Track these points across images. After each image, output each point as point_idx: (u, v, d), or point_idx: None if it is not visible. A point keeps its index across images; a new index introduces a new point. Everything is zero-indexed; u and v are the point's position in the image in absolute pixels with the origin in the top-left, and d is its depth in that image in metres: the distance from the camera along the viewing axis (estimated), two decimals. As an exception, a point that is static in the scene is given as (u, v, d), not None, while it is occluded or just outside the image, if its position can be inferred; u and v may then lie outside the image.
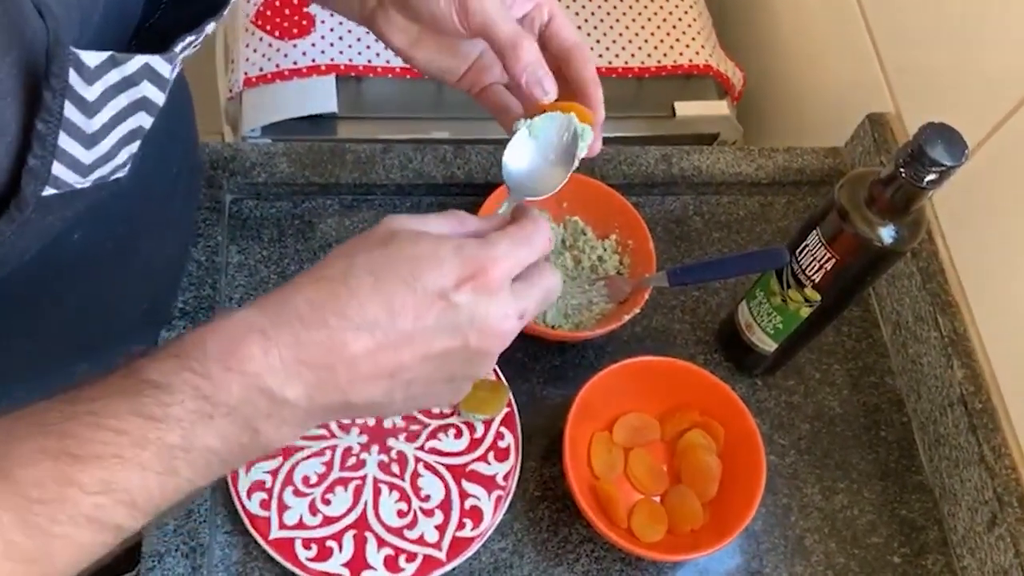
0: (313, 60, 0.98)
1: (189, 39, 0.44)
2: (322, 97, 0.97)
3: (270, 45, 1.00)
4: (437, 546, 0.68)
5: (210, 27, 0.45)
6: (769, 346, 0.76)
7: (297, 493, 0.69)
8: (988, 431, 0.74)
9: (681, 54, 1.07)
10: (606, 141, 0.98)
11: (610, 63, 1.06)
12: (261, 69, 0.99)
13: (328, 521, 0.68)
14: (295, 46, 0.99)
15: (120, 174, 0.45)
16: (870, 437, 0.81)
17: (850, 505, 0.77)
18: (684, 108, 1.05)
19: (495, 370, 0.76)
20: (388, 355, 0.41)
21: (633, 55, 1.06)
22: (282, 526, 0.67)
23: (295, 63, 0.98)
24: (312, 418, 0.42)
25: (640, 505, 0.73)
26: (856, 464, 0.79)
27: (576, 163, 0.52)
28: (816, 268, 0.68)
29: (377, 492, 0.70)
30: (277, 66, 0.98)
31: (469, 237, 0.45)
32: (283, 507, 0.68)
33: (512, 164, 0.52)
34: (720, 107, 1.06)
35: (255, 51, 1.00)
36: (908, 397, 0.83)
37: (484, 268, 0.42)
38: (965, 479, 0.75)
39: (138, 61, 0.41)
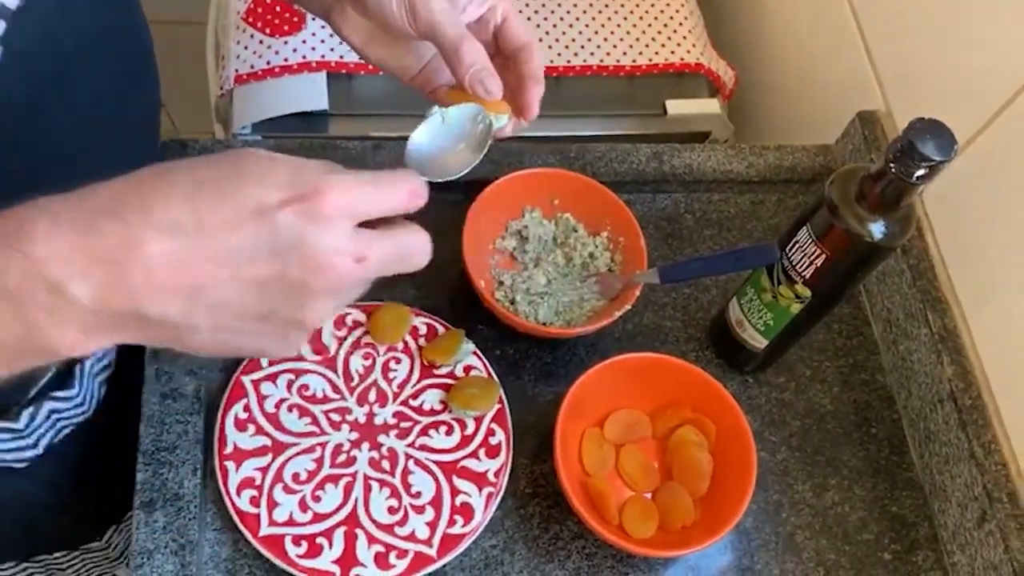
0: (304, 57, 0.98)
1: None
2: (313, 94, 0.97)
3: (261, 42, 0.99)
4: (428, 543, 0.68)
5: None
6: (760, 343, 0.76)
7: (287, 490, 0.68)
8: (978, 427, 0.74)
9: (673, 52, 1.07)
10: (597, 139, 0.99)
11: (601, 61, 1.06)
12: (252, 66, 0.99)
13: (318, 518, 0.68)
14: (286, 43, 0.99)
15: None
16: (860, 434, 0.81)
17: (841, 502, 0.77)
18: (675, 106, 1.05)
19: (486, 366, 0.76)
20: (189, 265, 0.37)
21: (625, 53, 1.07)
22: (272, 523, 0.67)
23: (286, 60, 0.98)
24: (100, 324, 0.37)
25: (631, 501, 0.73)
26: (847, 461, 0.79)
27: (484, 151, 0.53)
28: (807, 264, 0.68)
29: (368, 489, 0.70)
30: (268, 63, 0.98)
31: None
32: (273, 504, 0.68)
33: (417, 142, 0.51)
34: (711, 105, 1.06)
35: (246, 48, 1.00)
36: (898, 394, 0.83)
37: (318, 190, 0.38)
38: (955, 475, 0.75)
39: None
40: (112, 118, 0.60)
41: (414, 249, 0.43)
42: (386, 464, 0.71)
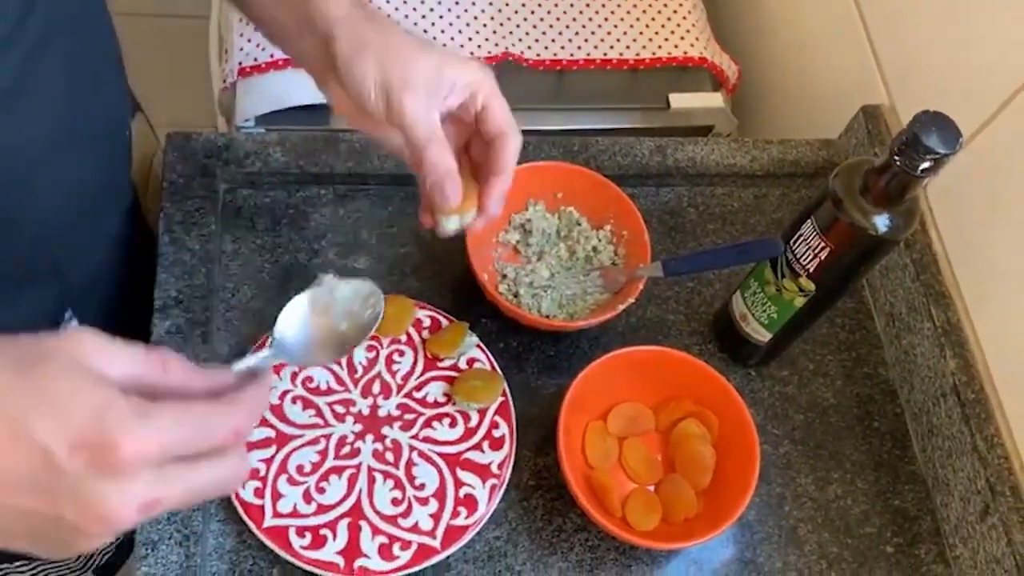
0: (307, 50, 0.98)
1: None
2: (316, 87, 0.96)
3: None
4: (431, 534, 0.68)
5: None
6: (763, 336, 0.77)
7: (291, 481, 0.69)
8: (981, 421, 0.74)
9: (676, 46, 1.07)
10: (601, 132, 0.99)
11: (605, 54, 1.06)
12: (255, 59, 0.98)
13: (322, 509, 0.68)
14: (289, 36, 0.99)
15: None
16: (863, 428, 0.81)
17: (843, 495, 0.78)
18: (679, 100, 1.05)
19: (489, 358, 0.76)
20: None
21: (628, 47, 1.07)
22: (276, 514, 0.67)
23: (289, 53, 0.98)
24: None
25: (634, 494, 0.73)
26: (849, 454, 0.80)
27: (368, 336, 0.52)
28: (811, 257, 0.68)
29: (372, 480, 0.70)
30: (271, 56, 0.98)
31: (152, 392, 0.37)
32: (277, 495, 0.68)
33: (288, 326, 0.50)
34: (715, 99, 1.06)
35: (249, 41, 1.00)
36: (901, 388, 0.83)
37: (116, 443, 0.34)
38: (958, 469, 0.75)
39: None
40: (75, 115, 0.59)
41: (225, 481, 0.39)
42: (390, 456, 0.71)
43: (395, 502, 0.69)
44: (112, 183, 0.72)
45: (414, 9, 1.03)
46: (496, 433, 0.73)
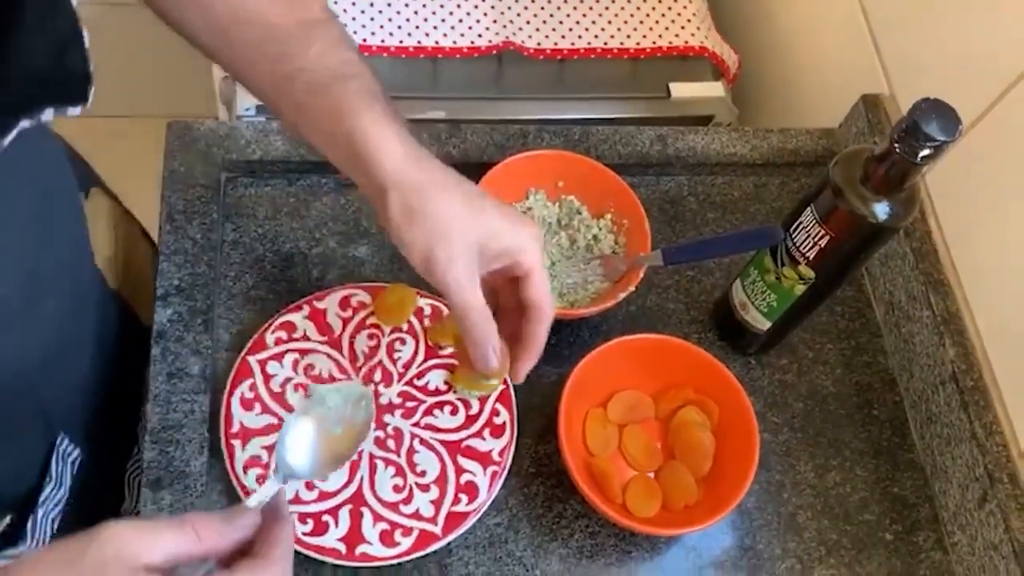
0: (308, 39, 0.98)
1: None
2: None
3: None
4: (433, 521, 0.68)
5: (7, 140, 0.42)
6: (763, 324, 0.77)
7: (293, 468, 0.69)
8: (979, 408, 0.75)
9: (676, 35, 1.07)
10: (601, 122, 0.99)
11: (605, 44, 1.06)
12: (256, 48, 0.98)
13: (324, 496, 0.68)
14: (290, 25, 0.99)
15: None
16: (863, 415, 0.81)
17: (842, 482, 0.78)
18: (679, 89, 1.05)
19: (490, 347, 0.76)
20: None
21: (629, 36, 1.06)
22: (278, 501, 0.67)
23: (290, 42, 0.98)
24: None
25: (634, 481, 0.73)
26: (849, 442, 0.80)
27: (365, 438, 0.56)
28: (810, 245, 0.68)
29: (373, 468, 0.70)
30: (272, 45, 0.98)
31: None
32: (279, 482, 0.68)
33: (291, 448, 0.53)
34: (715, 88, 1.06)
35: (250, 30, 0.99)
36: (900, 376, 0.83)
37: None
38: (956, 456, 0.76)
39: None
40: (41, 270, 0.58)
41: None
42: (391, 443, 0.71)
43: (396, 489, 0.69)
44: (82, 306, 0.70)
45: (415, -2, 1.03)
46: (497, 420, 0.73)
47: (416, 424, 0.72)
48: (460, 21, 1.03)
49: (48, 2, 0.43)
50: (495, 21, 1.04)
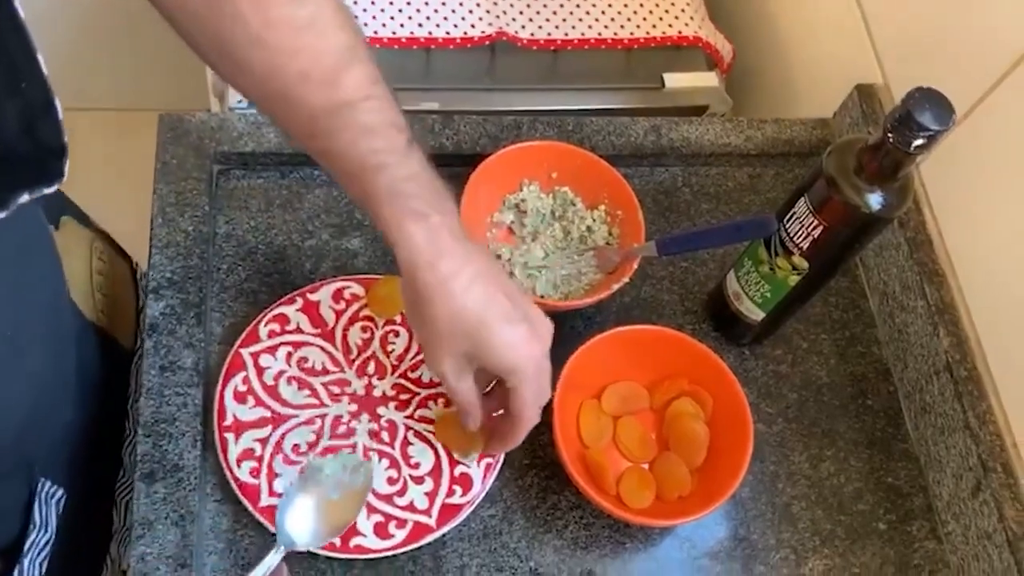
0: (300, 30, 0.97)
1: None
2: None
3: (257, 15, 0.99)
4: (427, 513, 0.68)
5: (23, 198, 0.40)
6: (757, 315, 0.77)
7: (287, 461, 0.69)
8: (973, 398, 0.75)
9: (670, 25, 1.07)
10: (594, 112, 0.98)
11: (599, 34, 1.05)
12: (248, 40, 0.98)
13: (318, 489, 0.68)
14: (282, 16, 0.98)
15: None
16: (857, 406, 0.82)
17: (837, 473, 0.78)
18: (673, 80, 1.04)
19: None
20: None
21: (622, 26, 1.06)
22: (272, 493, 0.67)
23: (282, 33, 0.97)
24: None
25: (628, 472, 0.73)
26: (843, 432, 0.80)
27: (363, 503, 0.61)
28: (804, 236, 0.68)
29: (366, 458, 0.70)
30: (264, 36, 0.97)
31: None
32: (273, 475, 0.68)
33: (291, 521, 0.58)
34: (709, 79, 1.05)
35: (241, 21, 0.99)
36: (894, 366, 0.83)
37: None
38: (950, 446, 0.76)
39: None
40: (20, 318, 0.57)
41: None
42: (385, 435, 0.71)
43: (390, 481, 0.69)
44: (63, 348, 0.68)
45: (407, -11, 1.02)
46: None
47: (410, 416, 0.72)
48: (453, 12, 1.02)
49: (11, 68, 0.40)
50: (488, 12, 1.03)
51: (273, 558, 0.54)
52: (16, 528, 0.65)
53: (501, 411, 0.67)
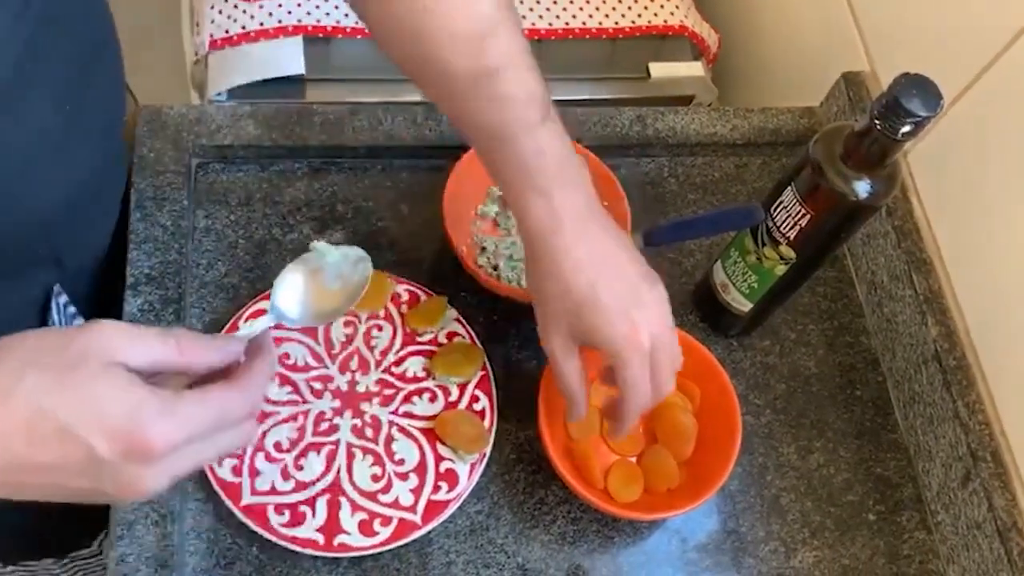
0: (280, 21, 0.96)
1: None
2: (290, 59, 0.95)
3: (236, 6, 0.97)
4: (412, 509, 0.67)
5: None
6: (744, 306, 0.76)
7: (269, 458, 0.68)
8: (962, 387, 0.74)
9: (656, 15, 1.06)
10: (579, 103, 0.97)
11: (584, 23, 1.04)
12: (227, 31, 0.97)
13: (301, 486, 0.67)
14: (261, 7, 0.97)
15: None
16: (845, 396, 0.81)
17: (826, 464, 0.78)
18: (659, 69, 1.04)
19: (469, 332, 0.75)
20: (12, 480, 0.41)
21: (607, 15, 1.05)
22: (254, 492, 0.66)
23: (262, 24, 0.96)
24: None
25: (616, 466, 0.73)
26: (832, 423, 0.79)
27: (358, 298, 0.56)
28: (791, 225, 0.67)
29: (351, 456, 0.69)
30: (243, 28, 0.96)
31: (170, 378, 0.44)
32: (255, 473, 0.67)
33: (285, 291, 0.54)
34: (695, 68, 1.05)
35: (220, 12, 0.98)
36: (883, 356, 0.83)
37: (146, 437, 0.41)
38: (939, 436, 0.75)
39: None
40: (74, 106, 0.59)
41: (239, 446, 0.47)
42: (369, 432, 0.70)
43: (375, 478, 0.68)
44: (108, 172, 0.71)
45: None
46: (476, 407, 0.72)
47: (394, 412, 0.71)
48: (436, 2, 1.01)
49: None
50: (471, 1, 1.02)
51: (261, 323, 0.50)
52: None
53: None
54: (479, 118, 0.59)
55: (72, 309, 0.69)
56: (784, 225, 0.68)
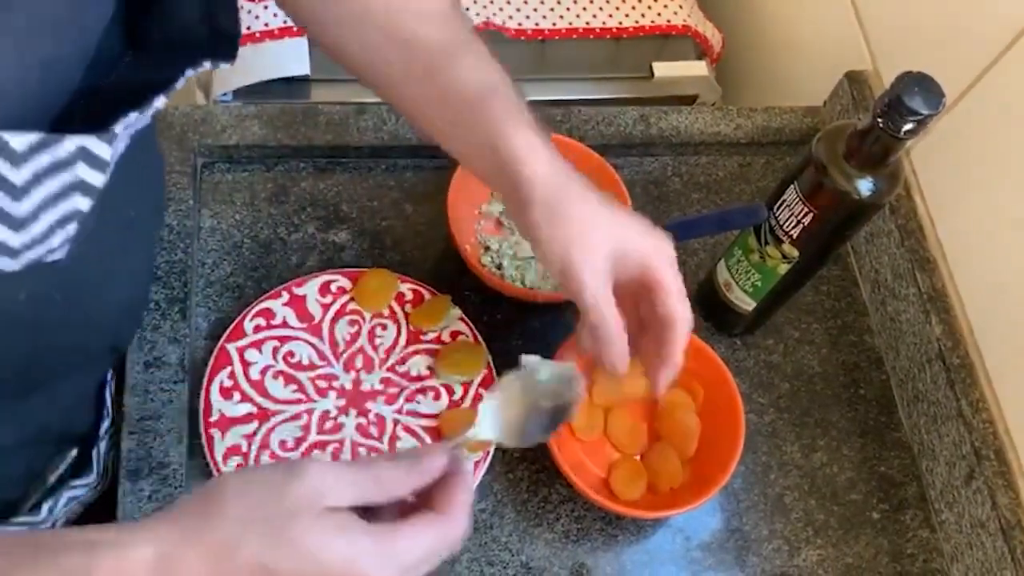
0: (285, 21, 0.97)
1: (132, 115, 0.41)
2: (295, 59, 0.95)
3: (241, 7, 0.97)
4: (416, 507, 0.68)
5: (160, 102, 0.42)
6: (748, 305, 0.76)
7: (274, 457, 0.68)
8: (966, 386, 0.74)
9: (659, 14, 1.06)
10: (582, 103, 0.98)
11: (587, 23, 1.04)
12: (232, 32, 0.97)
13: (306, 484, 0.67)
14: (266, 7, 0.97)
15: (56, 256, 0.42)
16: (849, 395, 0.81)
17: (829, 462, 0.78)
18: (662, 69, 1.03)
19: (473, 331, 0.75)
20: None
21: (611, 15, 1.05)
22: (259, 490, 0.66)
23: (267, 25, 0.96)
24: None
25: (620, 464, 0.73)
26: (835, 422, 0.79)
27: (566, 419, 0.54)
28: (794, 223, 0.67)
29: (356, 455, 0.69)
30: (248, 28, 0.96)
31: (377, 520, 0.44)
32: (260, 471, 0.67)
33: (494, 406, 0.51)
34: (699, 68, 1.05)
35: (225, 13, 0.98)
36: (887, 354, 0.83)
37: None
38: (943, 434, 0.75)
39: (72, 143, 0.38)
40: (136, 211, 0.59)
41: (446, 549, 0.45)
42: (374, 430, 0.71)
43: (379, 476, 0.69)
44: (151, 255, 0.71)
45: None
46: (480, 405, 0.72)
47: (399, 410, 0.72)
48: (440, 2, 1.02)
49: None
50: (475, 2, 1.02)
51: (468, 435, 0.48)
52: (92, 415, 0.69)
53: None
54: (465, 78, 0.58)
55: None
56: (787, 224, 0.68)
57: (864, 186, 0.63)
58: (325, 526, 0.42)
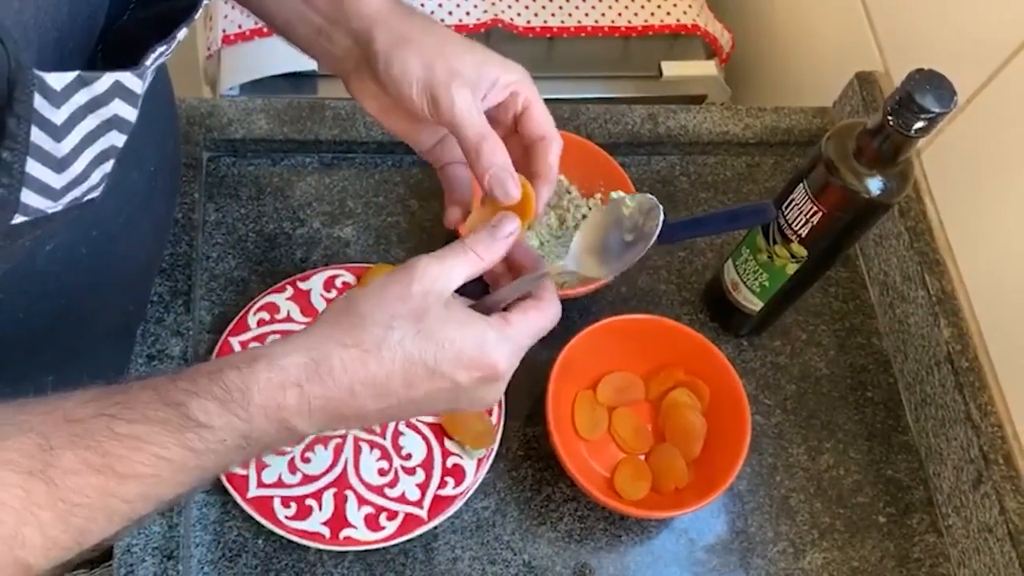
0: (293, 17, 0.96)
1: (160, 49, 0.42)
2: (301, 54, 0.95)
3: (248, 2, 0.97)
4: (418, 504, 0.67)
5: (181, 33, 0.44)
6: (755, 305, 0.75)
7: (276, 451, 0.68)
8: (974, 389, 0.73)
9: (668, 13, 1.06)
10: (591, 101, 0.97)
11: (596, 22, 1.04)
12: (240, 26, 0.97)
13: (307, 479, 0.67)
14: (274, 3, 0.97)
15: (94, 195, 0.44)
16: (856, 397, 0.80)
17: (836, 465, 0.77)
18: (671, 68, 1.03)
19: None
20: (394, 412, 0.48)
21: (620, 14, 1.05)
22: (260, 484, 0.66)
23: (274, 20, 0.96)
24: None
25: (624, 463, 0.72)
26: (842, 424, 0.79)
27: (648, 245, 0.54)
28: (803, 222, 0.66)
29: (358, 450, 0.69)
30: (256, 23, 0.96)
31: (491, 309, 0.50)
32: (261, 465, 0.67)
33: (584, 238, 0.55)
34: (708, 67, 1.04)
35: (233, 8, 0.98)
36: (895, 357, 0.82)
37: (495, 365, 0.48)
38: (951, 438, 0.75)
39: (107, 79, 0.39)
40: (162, 160, 0.61)
41: (548, 328, 0.52)
42: (376, 426, 0.70)
43: (381, 472, 0.68)
44: (170, 210, 0.72)
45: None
46: (484, 403, 0.72)
47: (402, 406, 0.71)
48: (448, -1, 1.01)
49: None
50: (484, -1, 1.02)
51: (557, 264, 0.54)
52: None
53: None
54: None
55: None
56: (796, 223, 0.67)
57: (874, 185, 0.62)
58: (454, 317, 0.47)
